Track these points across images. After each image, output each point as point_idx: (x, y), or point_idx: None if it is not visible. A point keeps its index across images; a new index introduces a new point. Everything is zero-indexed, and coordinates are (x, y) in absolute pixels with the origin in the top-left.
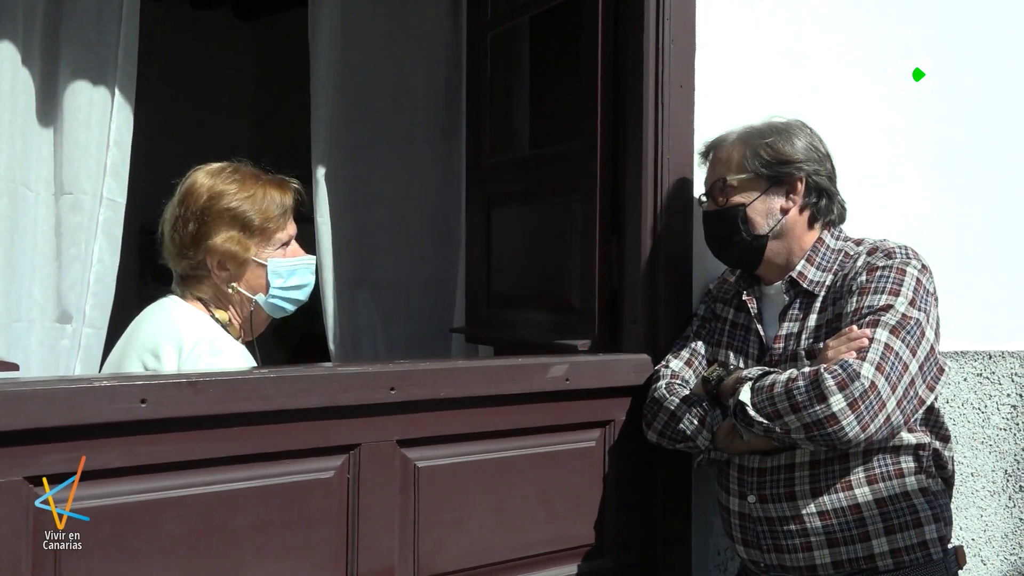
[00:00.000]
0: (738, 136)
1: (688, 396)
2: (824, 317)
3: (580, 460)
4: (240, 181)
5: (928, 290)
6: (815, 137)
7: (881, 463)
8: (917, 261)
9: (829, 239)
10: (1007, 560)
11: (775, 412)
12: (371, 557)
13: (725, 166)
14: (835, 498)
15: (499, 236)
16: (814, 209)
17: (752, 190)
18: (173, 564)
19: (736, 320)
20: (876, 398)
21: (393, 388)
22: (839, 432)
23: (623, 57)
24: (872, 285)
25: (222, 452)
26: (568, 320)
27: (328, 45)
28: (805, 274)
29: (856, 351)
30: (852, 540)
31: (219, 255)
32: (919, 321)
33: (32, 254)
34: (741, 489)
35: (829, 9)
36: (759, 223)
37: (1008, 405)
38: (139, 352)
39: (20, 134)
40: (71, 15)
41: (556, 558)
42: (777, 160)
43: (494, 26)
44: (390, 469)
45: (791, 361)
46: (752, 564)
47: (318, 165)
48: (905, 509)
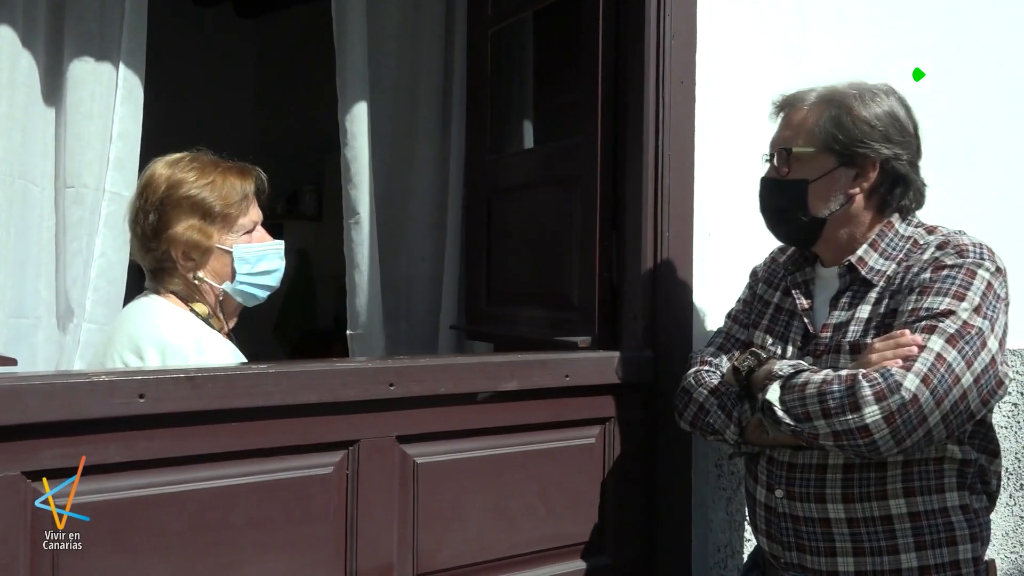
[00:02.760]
0: (817, 98)
1: (717, 387)
2: (877, 310)
3: (580, 457)
4: (199, 169)
5: (999, 295)
6: (904, 107)
7: (921, 475)
8: (991, 263)
9: (899, 225)
10: (1008, 559)
11: (805, 415)
12: (370, 553)
13: (795, 132)
14: (867, 506)
15: (499, 233)
16: (887, 196)
17: (818, 165)
18: (171, 560)
19: (781, 304)
20: (916, 412)
21: (392, 384)
22: (871, 445)
23: (624, 53)
24: (936, 285)
25: (221, 448)
26: (568, 317)
27: (359, 34)
28: (866, 260)
29: (903, 359)
30: (879, 552)
31: (182, 245)
32: (981, 331)
33: (36, 249)
34: (769, 481)
35: (831, 3)
36: (818, 205)
37: (1009, 403)
38: (120, 352)
39: (21, 127)
40: (73, 6)
41: (555, 555)
42: (853, 137)
43: (494, 23)
44: (389, 465)
45: (834, 353)
46: (773, 558)
47: (351, 163)
48: (940, 526)
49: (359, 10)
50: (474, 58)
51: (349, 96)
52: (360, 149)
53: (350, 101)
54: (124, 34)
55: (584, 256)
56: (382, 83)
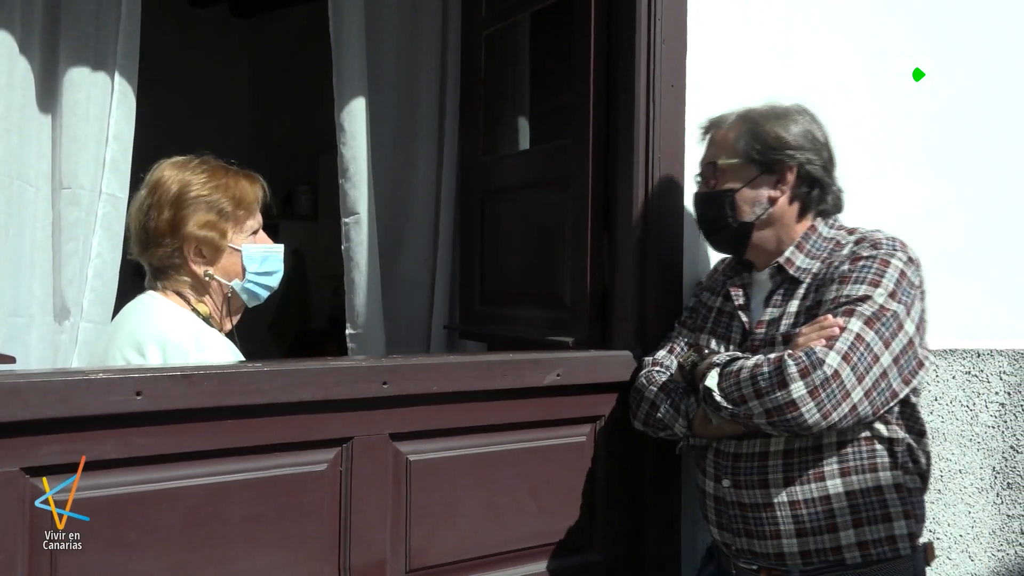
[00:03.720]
0: (737, 117)
1: (666, 384)
2: (805, 304)
3: (570, 455)
4: (209, 171)
5: (913, 283)
6: (815, 124)
7: (855, 456)
8: (903, 253)
9: (822, 227)
10: (994, 556)
11: (740, 397)
12: (363, 549)
13: (719, 148)
14: (806, 488)
15: (492, 233)
16: (805, 199)
17: (742, 175)
18: (167, 554)
19: (723, 308)
20: (839, 387)
21: (386, 382)
22: (799, 418)
23: (615, 57)
24: (854, 275)
25: (216, 444)
26: (560, 317)
27: (356, 33)
28: (793, 260)
29: (826, 339)
30: (820, 531)
31: (195, 241)
32: (897, 314)
33: (32, 249)
34: (717, 473)
35: (820, 8)
36: (745, 210)
37: (996, 403)
38: (122, 349)
39: (18, 129)
40: (69, 10)
41: (546, 551)
42: (769, 146)
43: (488, 25)
44: (382, 462)
45: (770, 346)
46: (724, 546)
47: (350, 162)
48: (875, 503)
49: (357, 8)
50: (468, 60)
51: (347, 94)
52: (359, 148)
53: (347, 99)
54: (119, 38)
55: (576, 257)
56: (380, 81)
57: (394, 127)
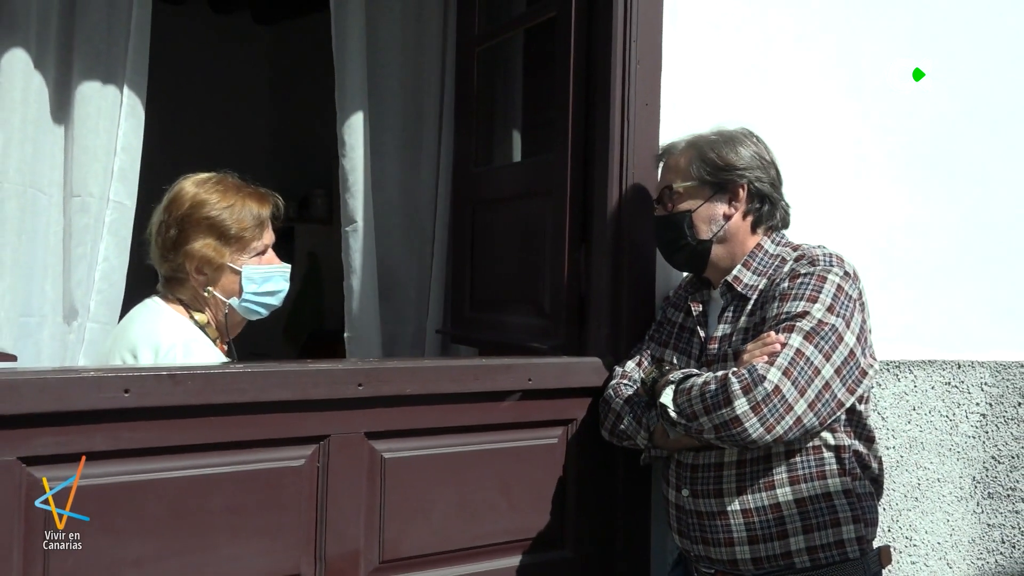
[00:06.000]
0: (686, 144)
1: (631, 397)
2: (752, 320)
3: (542, 456)
4: (222, 192)
5: (851, 296)
6: (760, 145)
7: (804, 464)
8: (840, 268)
9: (768, 244)
10: (974, 564)
11: (692, 413)
12: (338, 541)
13: (673, 172)
14: (757, 497)
15: (482, 242)
16: (757, 215)
17: (697, 197)
18: (152, 541)
19: (683, 323)
20: (781, 401)
21: (361, 384)
22: (743, 433)
23: (593, 77)
24: (793, 292)
25: (199, 439)
26: (541, 323)
27: (358, 48)
28: (740, 278)
29: (768, 356)
30: (771, 538)
31: (196, 260)
32: (835, 327)
33: (44, 253)
34: (677, 482)
35: (795, 27)
36: (703, 229)
37: (977, 414)
38: (121, 351)
39: (32, 140)
40: (82, 27)
41: (517, 547)
42: (720, 167)
43: (481, 42)
44: (358, 459)
45: (723, 361)
46: (685, 552)
47: (349, 173)
48: (824, 509)
49: (359, 24)
50: (461, 75)
51: (348, 108)
52: (357, 160)
53: (348, 113)
54: (129, 54)
55: (555, 265)
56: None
57: (394, 137)
